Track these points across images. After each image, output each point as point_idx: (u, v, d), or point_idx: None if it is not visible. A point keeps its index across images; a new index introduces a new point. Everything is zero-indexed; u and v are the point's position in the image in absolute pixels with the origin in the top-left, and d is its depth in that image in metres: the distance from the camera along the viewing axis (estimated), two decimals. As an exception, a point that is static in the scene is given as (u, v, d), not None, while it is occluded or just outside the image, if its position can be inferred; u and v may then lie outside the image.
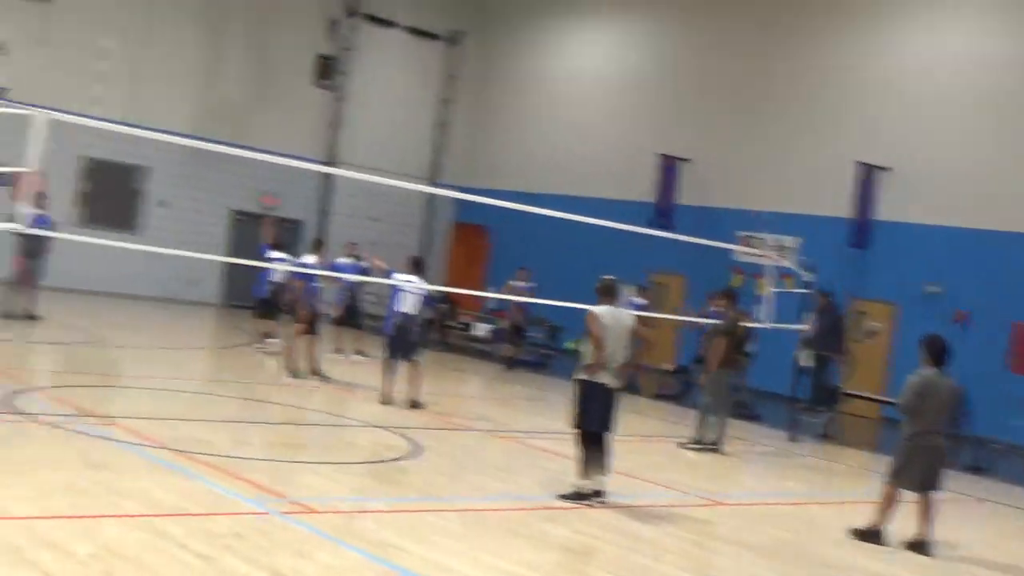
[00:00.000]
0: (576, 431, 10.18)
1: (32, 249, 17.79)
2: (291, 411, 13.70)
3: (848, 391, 18.44)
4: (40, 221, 16.22)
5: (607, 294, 10.29)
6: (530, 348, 23.07)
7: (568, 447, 10.66)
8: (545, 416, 16.10)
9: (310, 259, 16.14)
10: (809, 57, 23.75)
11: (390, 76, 29.79)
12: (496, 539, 8.54)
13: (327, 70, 27.60)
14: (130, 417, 11.62)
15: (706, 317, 16.36)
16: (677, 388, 20.71)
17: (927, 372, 9.91)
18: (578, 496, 9.99)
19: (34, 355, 16.13)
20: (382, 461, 11.36)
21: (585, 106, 28.08)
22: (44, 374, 14.63)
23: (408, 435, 12.45)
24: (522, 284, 21.27)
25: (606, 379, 10.02)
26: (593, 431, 10.08)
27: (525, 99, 29.66)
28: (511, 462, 12.36)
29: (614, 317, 10.15)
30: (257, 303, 18.52)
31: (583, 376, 10.08)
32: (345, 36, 28.26)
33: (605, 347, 9.98)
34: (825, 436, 17.41)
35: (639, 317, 17.17)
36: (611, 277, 10.43)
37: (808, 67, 23.72)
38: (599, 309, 10.15)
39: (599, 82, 27.97)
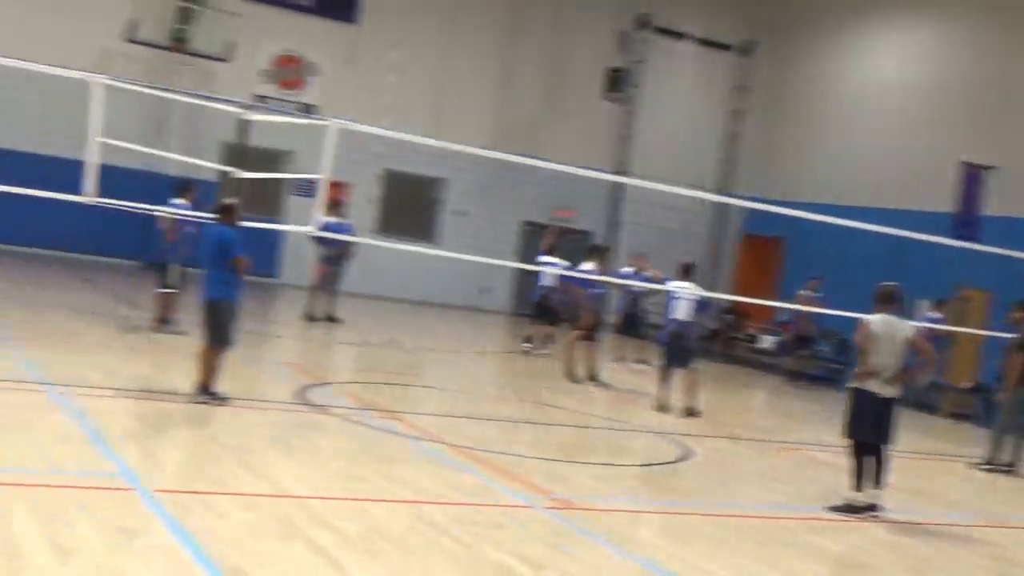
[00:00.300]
0: (848, 441, 9.84)
1: (331, 255, 18.85)
2: (566, 414, 13.90)
3: None
4: (340, 229, 17.30)
5: (885, 301, 9.92)
6: (819, 361, 22.41)
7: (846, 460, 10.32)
8: (825, 429, 15.57)
9: (588, 266, 16.33)
10: None
11: (681, 87, 29.74)
12: (760, 547, 8.38)
13: (617, 83, 27.86)
14: (414, 413, 12.17)
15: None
16: (975, 407, 19.55)
17: None
18: (850, 509, 9.64)
19: (330, 354, 17.12)
20: (651, 465, 11.36)
21: (881, 114, 27.02)
22: (338, 371, 15.51)
23: (682, 442, 12.39)
24: (811, 294, 20.63)
25: (876, 387, 9.64)
26: (865, 441, 9.72)
27: (818, 108, 28.84)
28: (784, 472, 12.09)
29: (888, 325, 9.75)
30: (532, 308, 18.96)
31: (853, 384, 9.78)
32: (635, 49, 28.46)
33: (871, 354, 9.64)
34: None
35: (928, 330, 16.57)
36: (891, 284, 10.03)
37: None
38: (872, 317, 9.80)
39: (895, 89, 26.83)
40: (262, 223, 14.16)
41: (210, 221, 11.45)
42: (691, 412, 14.27)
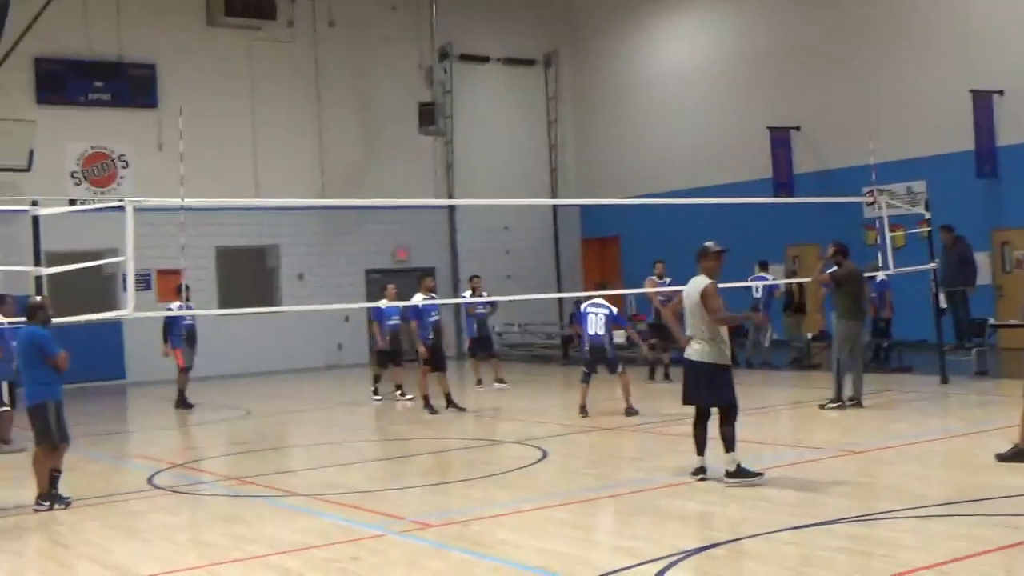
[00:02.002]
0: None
1: (187, 337, 18.89)
2: (425, 443, 13.89)
3: (998, 323, 17.69)
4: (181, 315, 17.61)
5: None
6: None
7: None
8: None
9: (417, 297, 16.46)
10: (901, -3, 23.11)
11: (494, 109, 30.19)
12: (618, 522, 8.52)
13: (430, 116, 28.07)
14: (267, 474, 12.01)
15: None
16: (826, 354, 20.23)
17: None
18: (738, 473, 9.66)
19: (183, 438, 16.78)
20: (508, 471, 11.41)
21: (688, 97, 27.84)
22: (190, 452, 15.19)
23: (541, 445, 12.54)
24: (657, 280, 20.68)
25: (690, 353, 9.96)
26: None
27: (628, 105, 29.48)
28: (644, 452, 12.32)
29: (685, 293, 10.01)
30: (377, 356, 19.23)
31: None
32: (443, 80, 28.74)
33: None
34: (979, 373, 16.73)
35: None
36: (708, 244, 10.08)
37: (902, 7, 23.05)
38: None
39: (697, 70, 27.68)
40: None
41: (22, 326, 11.17)
42: (631, 412, 14.58)
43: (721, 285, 9.99)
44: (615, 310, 14.98)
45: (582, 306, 15.32)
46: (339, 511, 9.55)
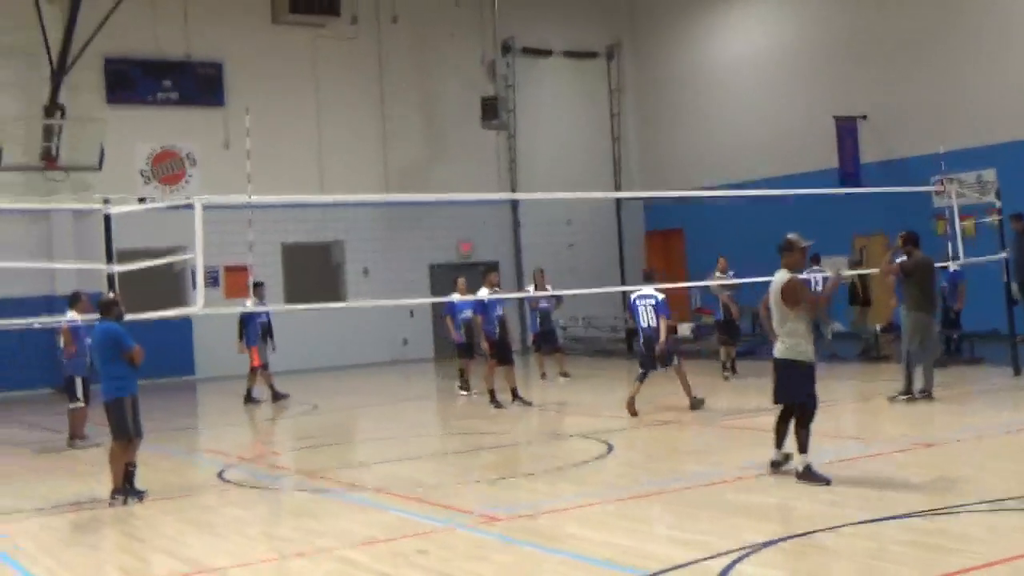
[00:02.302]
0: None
1: (262, 334, 19.15)
2: (491, 437, 13.93)
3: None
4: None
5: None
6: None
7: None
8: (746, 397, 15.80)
9: (482, 292, 16.51)
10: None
11: (557, 102, 30.19)
12: (685, 516, 8.50)
13: (493, 110, 28.11)
14: (334, 468, 12.14)
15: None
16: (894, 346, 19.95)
17: None
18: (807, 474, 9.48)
19: (252, 433, 16.99)
20: (574, 465, 11.42)
21: (752, 88, 27.60)
22: (259, 447, 15.38)
23: (607, 439, 12.55)
24: (721, 274, 19.81)
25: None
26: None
27: (692, 96, 29.26)
28: (713, 446, 12.29)
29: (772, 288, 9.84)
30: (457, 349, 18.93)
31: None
32: (505, 74, 28.78)
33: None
34: (1054, 363, 16.44)
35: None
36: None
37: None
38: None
39: (761, 60, 27.42)
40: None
41: (95, 322, 11.40)
42: (696, 404, 14.43)
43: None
44: (661, 297, 14.50)
45: (631, 297, 14.99)
46: (406, 505, 9.62)
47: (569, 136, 30.06)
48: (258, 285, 18.91)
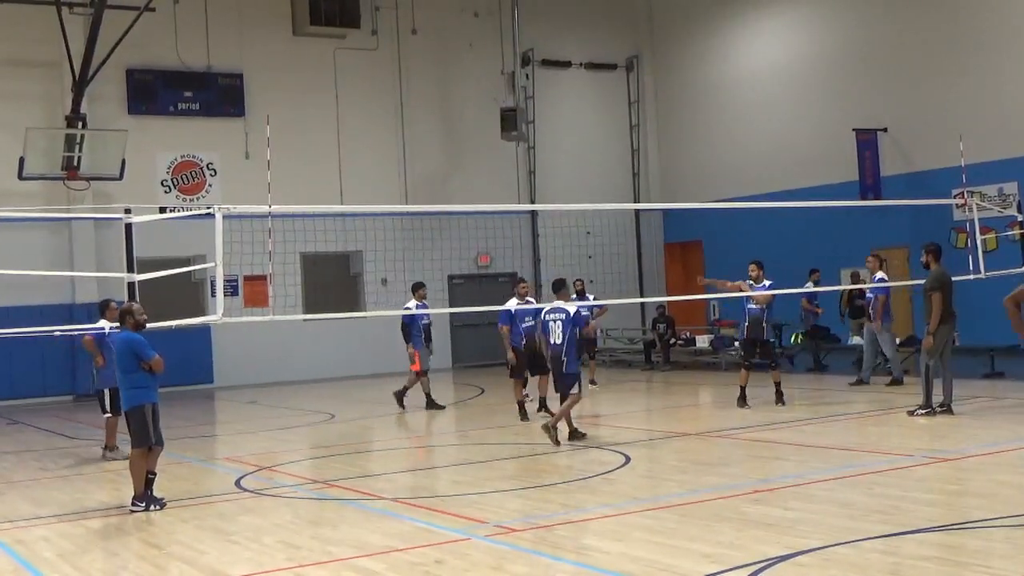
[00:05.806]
0: None
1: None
2: (512, 448, 13.91)
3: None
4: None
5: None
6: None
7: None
8: (765, 414, 15.74)
9: (510, 303, 16.41)
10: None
11: (576, 114, 30.24)
12: (701, 528, 8.48)
13: (513, 122, 28.14)
14: (352, 477, 12.15)
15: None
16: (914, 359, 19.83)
17: None
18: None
19: (269, 441, 16.98)
20: (591, 476, 11.40)
21: (771, 100, 27.57)
22: (277, 455, 15.37)
23: (624, 451, 12.51)
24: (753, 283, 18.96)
25: None
26: None
27: (711, 108, 29.30)
28: (729, 459, 12.25)
29: None
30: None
31: None
32: (525, 85, 28.83)
33: None
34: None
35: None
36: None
37: (991, 6, 22.58)
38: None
39: (780, 72, 27.40)
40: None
41: (115, 331, 11.45)
42: (570, 434, 13.81)
43: (793, 291, 9.90)
44: (572, 311, 13.38)
45: (542, 314, 13.85)
46: (423, 515, 9.62)
47: (588, 148, 30.09)
48: (419, 285, 18.58)
